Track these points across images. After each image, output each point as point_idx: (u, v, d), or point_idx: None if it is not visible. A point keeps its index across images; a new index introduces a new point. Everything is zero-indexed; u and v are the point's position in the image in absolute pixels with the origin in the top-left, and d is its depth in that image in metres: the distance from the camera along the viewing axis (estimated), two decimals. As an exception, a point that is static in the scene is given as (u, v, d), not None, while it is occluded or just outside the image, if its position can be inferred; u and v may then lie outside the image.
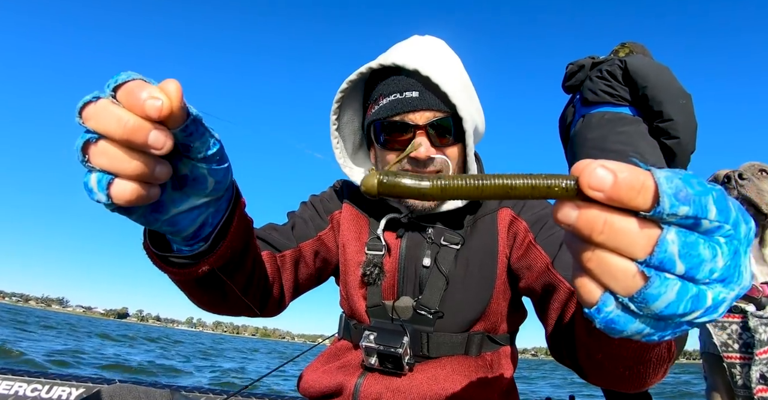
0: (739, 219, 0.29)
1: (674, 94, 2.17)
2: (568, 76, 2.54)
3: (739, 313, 1.13)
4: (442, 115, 0.81)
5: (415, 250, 0.89)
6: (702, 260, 0.28)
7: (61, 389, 2.27)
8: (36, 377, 2.32)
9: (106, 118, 0.36)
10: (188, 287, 0.67)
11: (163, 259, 0.57)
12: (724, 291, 0.29)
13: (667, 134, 2.18)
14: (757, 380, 1.07)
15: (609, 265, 0.28)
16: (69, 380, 2.34)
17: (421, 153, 0.79)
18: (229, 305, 0.75)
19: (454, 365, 0.84)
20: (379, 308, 0.88)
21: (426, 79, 0.80)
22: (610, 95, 2.29)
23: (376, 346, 0.82)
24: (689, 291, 0.28)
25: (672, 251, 0.27)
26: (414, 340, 0.84)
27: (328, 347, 1.01)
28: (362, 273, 0.89)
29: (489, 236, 0.89)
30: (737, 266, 0.29)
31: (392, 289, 0.89)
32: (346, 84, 0.86)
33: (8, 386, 2.24)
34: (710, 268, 0.28)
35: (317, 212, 0.99)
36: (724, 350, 1.13)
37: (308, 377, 0.93)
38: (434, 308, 0.84)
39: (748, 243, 0.30)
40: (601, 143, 2.23)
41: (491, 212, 0.92)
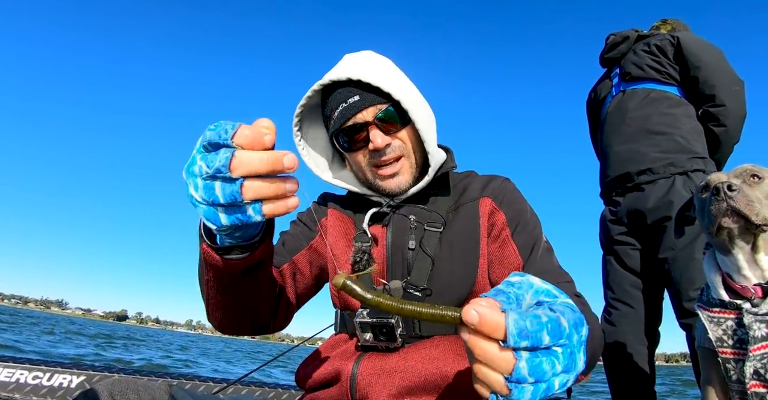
0: (572, 332, 0.45)
1: (728, 79, 2.02)
2: (609, 47, 2.34)
3: (734, 309, 1.13)
4: (383, 106, 0.92)
5: (401, 236, 0.95)
6: (545, 371, 0.43)
7: (62, 377, 2.30)
8: (37, 364, 2.34)
9: (250, 163, 0.49)
10: (231, 283, 0.74)
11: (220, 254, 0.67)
12: (567, 376, 0.45)
13: (716, 121, 2.03)
14: (751, 375, 1.08)
15: (487, 376, 0.43)
16: (70, 368, 2.36)
17: (378, 143, 0.91)
18: (252, 310, 0.84)
19: (447, 345, 0.86)
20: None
21: (358, 82, 0.92)
22: (657, 72, 2.12)
23: (370, 320, 0.85)
24: (540, 388, 0.43)
25: (524, 373, 0.42)
26: (406, 319, 0.86)
27: (325, 341, 1.02)
28: (352, 261, 0.93)
29: (471, 221, 0.94)
30: (574, 361, 0.45)
31: (382, 275, 0.93)
32: (304, 101, 0.98)
33: (9, 374, 2.27)
34: (553, 372, 0.43)
35: (306, 225, 1.07)
36: (719, 345, 1.14)
37: (305, 369, 0.95)
38: (422, 286, 0.89)
39: (580, 344, 0.47)
40: (642, 122, 2.08)
41: (473, 200, 0.98)
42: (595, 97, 2.45)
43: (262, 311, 0.88)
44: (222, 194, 0.50)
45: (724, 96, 2.00)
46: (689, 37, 2.11)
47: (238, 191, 0.50)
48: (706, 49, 2.06)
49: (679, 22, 2.38)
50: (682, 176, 1.94)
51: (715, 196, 1.10)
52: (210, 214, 0.53)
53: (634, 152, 2.06)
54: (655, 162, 1.99)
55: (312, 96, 0.97)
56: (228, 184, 0.50)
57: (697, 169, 1.95)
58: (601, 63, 2.44)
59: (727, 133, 2.04)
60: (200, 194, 0.52)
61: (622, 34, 2.31)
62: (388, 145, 0.93)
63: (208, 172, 0.50)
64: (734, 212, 1.08)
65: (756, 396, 1.09)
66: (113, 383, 0.76)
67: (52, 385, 2.27)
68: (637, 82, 2.18)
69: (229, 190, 0.50)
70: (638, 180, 2.02)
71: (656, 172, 1.98)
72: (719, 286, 1.16)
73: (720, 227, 1.11)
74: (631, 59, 2.23)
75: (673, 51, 2.10)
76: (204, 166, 0.51)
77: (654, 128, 2.05)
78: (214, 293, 0.78)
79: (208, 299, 0.81)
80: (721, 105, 2.01)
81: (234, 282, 0.74)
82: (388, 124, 0.93)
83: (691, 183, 1.91)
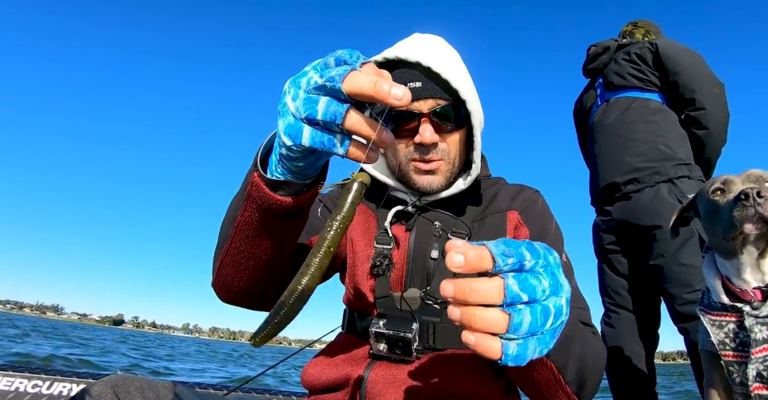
0: (546, 253, 0.45)
1: (707, 82, 2.04)
2: (591, 58, 2.38)
3: (735, 312, 1.13)
4: (444, 102, 0.87)
5: (424, 243, 0.91)
6: (534, 287, 0.42)
7: (62, 386, 2.28)
8: (36, 373, 2.32)
9: (363, 80, 0.47)
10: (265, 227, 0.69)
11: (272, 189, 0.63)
12: (558, 299, 0.45)
13: (698, 124, 2.05)
14: (754, 378, 1.08)
15: (486, 317, 0.40)
16: (70, 376, 2.35)
17: (426, 138, 0.85)
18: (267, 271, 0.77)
19: (460, 360, 0.84)
20: (387, 299, 0.89)
21: (427, 69, 0.85)
22: (639, 80, 2.16)
23: (386, 331, 0.83)
24: (537, 309, 0.42)
25: (515, 289, 0.40)
26: (421, 330, 0.84)
27: (332, 341, 1.00)
28: (372, 264, 0.90)
29: (496, 234, 0.91)
30: (558, 282, 0.45)
31: (400, 281, 0.90)
32: None
33: (9, 383, 2.25)
34: (542, 289, 0.42)
35: (327, 208, 1.01)
36: (721, 348, 1.14)
37: (312, 369, 0.93)
38: (441, 299, 0.85)
39: (557, 266, 0.46)
40: (626, 132, 2.11)
41: (500, 211, 0.94)
42: (581, 108, 2.49)
43: (277, 277, 0.80)
44: (324, 110, 0.49)
45: (704, 99, 2.03)
46: (667, 43, 2.14)
47: (341, 113, 0.48)
48: (684, 54, 2.09)
49: (651, 24, 2.40)
50: (667, 184, 1.97)
51: (742, 201, 1.08)
52: (293, 129, 0.51)
53: (619, 162, 2.09)
54: (640, 171, 2.02)
55: None
56: (335, 102, 0.49)
57: (682, 176, 1.97)
58: (584, 74, 2.48)
59: (710, 135, 2.06)
60: (297, 105, 0.50)
61: (602, 44, 2.36)
62: (435, 145, 0.88)
63: (318, 83, 0.49)
64: (761, 219, 1.06)
65: (759, 398, 1.08)
66: (116, 379, 0.74)
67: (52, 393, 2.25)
68: (619, 91, 2.22)
69: (333, 109, 0.48)
70: (625, 189, 2.05)
71: (642, 181, 2.01)
72: (719, 289, 1.16)
73: (741, 232, 1.09)
74: (613, 69, 2.27)
75: (653, 58, 2.14)
76: (316, 77, 0.50)
77: (638, 137, 2.07)
78: (240, 239, 0.72)
79: (229, 248, 0.74)
80: (701, 108, 2.04)
81: (268, 225, 0.69)
82: (442, 122, 0.87)
83: (677, 190, 1.94)
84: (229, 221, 0.74)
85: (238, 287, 0.79)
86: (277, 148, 0.58)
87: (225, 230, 0.75)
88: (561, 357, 0.64)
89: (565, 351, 0.64)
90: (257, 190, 0.63)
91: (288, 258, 0.79)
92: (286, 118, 0.52)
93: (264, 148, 0.64)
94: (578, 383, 0.70)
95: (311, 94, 0.50)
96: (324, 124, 0.50)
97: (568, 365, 0.66)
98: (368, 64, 0.49)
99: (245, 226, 0.70)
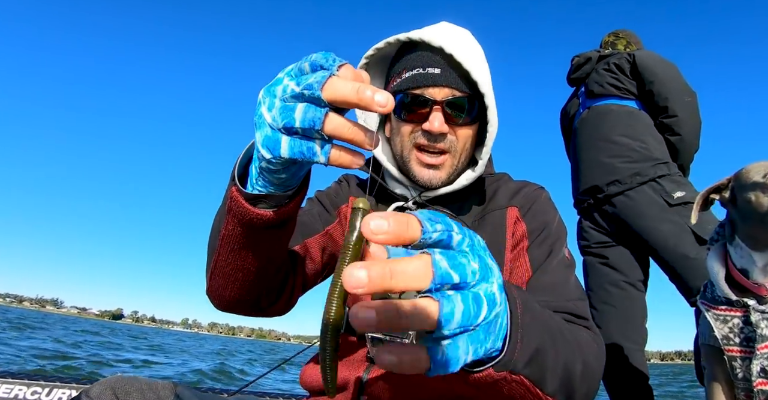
0: (471, 233, 0.40)
1: (680, 91, 2.17)
2: (574, 69, 2.52)
3: (741, 307, 1.12)
4: (460, 94, 0.84)
5: None
6: (464, 266, 0.36)
7: (61, 392, 2.27)
8: (36, 380, 2.31)
9: (344, 87, 0.44)
10: (250, 240, 0.67)
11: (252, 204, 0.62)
12: (489, 285, 0.39)
13: (671, 131, 2.17)
14: (757, 373, 1.07)
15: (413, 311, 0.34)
16: (69, 382, 2.33)
17: (434, 127, 0.83)
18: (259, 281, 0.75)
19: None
20: (385, 298, 0.86)
21: (449, 57, 0.83)
22: (617, 88, 2.28)
23: (383, 336, 0.81)
24: (468, 296, 0.36)
25: (444, 266, 0.34)
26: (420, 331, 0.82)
27: None
28: None
29: (496, 232, 0.89)
30: (486, 265, 0.39)
31: None
32: (372, 51, 0.89)
33: (8, 390, 2.24)
34: (472, 270, 0.36)
35: (324, 207, 0.98)
36: (725, 343, 1.13)
37: (311, 371, 0.92)
38: None
39: (483, 248, 0.41)
40: (607, 135, 2.21)
41: (500, 208, 0.91)
42: (566, 115, 2.62)
43: (269, 286, 0.79)
44: (302, 117, 0.45)
45: (676, 107, 2.15)
46: (644, 54, 2.26)
47: (320, 119, 0.45)
48: (659, 64, 2.21)
49: (632, 35, 2.53)
50: (650, 183, 2.06)
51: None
52: (271, 141, 0.48)
53: (601, 164, 2.20)
54: (621, 173, 2.12)
55: (389, 46, 0.88)
56: (313, 107, 0.45)
57: (663, 175, 2.07)
58: (569, 83, 2.61)
59: (682, 141, 2.18)
60: (273, 114, 0.47)
61: (585, 55, 2.49)
62: (443, 135, 0.85)
63: (295, 91, 0.46)
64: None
65: (762, 394, 1.08)
66: (116, 380, 0.73)
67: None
68: (599, 98, 2.35)
69: (312, 115, 0.45)
70: (608, 191, 2.15)
71: (624, 183, 2.10)
72: (723, 283, 1.15)
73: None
74: (594, 78, 2.39)
75: (630, 68, 2.26)
76: (292, 85, 0.47)
77: (617, 140, 2.18)
78: (226, 252, 0.70)
79: (217, 260, 0.72)
80: (674, 116, 2.16)
81: (252, 238, 0.67)
82: (454, 113, 0.84)
83: (660, 188, 2.03)
84: (214, 234, 0.72)
85: (230, 297, 0.78)
86: (256, 161, 0.55)
87: (212, 242, 0.74)
88: (536, 371, 0.53)
89: (540, 363, 0.54)
90: (237, 205, 0.62)
91: (279, 266, 0.78)
92: (263, 129, 0.49)
93: (243, 158, 0.62)
94: (565, 393, 0.61)
95: (287, 102, 0.47)
96: (303, 132, 0.47)
97: (546, 377, 0.56)
98: (345, 66, 0.46)
99: (229, 239, 0.68)
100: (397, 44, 0.89)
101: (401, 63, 0.88)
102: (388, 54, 0.92)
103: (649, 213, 2.00)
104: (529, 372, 0.52)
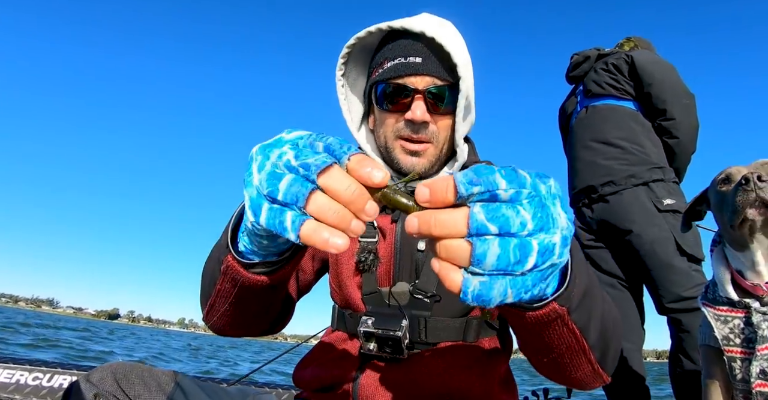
0: (536, 182, 0.39)
1: (678, 94, 2.15)
2: (573, 67, 2.49)
3: (742, 308, 1.12)
4: (442, 83, 0.84)
5: (411, 235, 0.89)
6: (507, 217, 0.37)
7: (62, 378, 2.29)
8: (37, 365, 2.33)
9: (341, 181, 0.41)
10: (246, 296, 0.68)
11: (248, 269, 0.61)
12: (548, 236, 0.39)
13: (668, 133, 2.16)
14: (757, 374, 1.07)
15: (449, 247, 0.37)
16: (70, 368, 2.35)
17: (416, 116, 0.83)
18: (259, 319, 0.80)
19: (452, 355, 0.83)
20: (376, 295, 0.87)
21: (431, 41, 0.83)
22: (615, 88, 2.26)
23: (375, 330, 0.81)
24: (510, 243, 0.37)
25: (481, 219, 0.36)
26: (411, 325, 0.82)
27: (321, 338, 0.99)
28: (357, 260, 0.88)
29: None
30: (548, 215, 0.39)
31: (388, 275, 0.88)
32: (354, 40, 0.89)
33: (9, 375, 2.26)
34: (520, 222, 0.37)
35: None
36: (725, 343, 1.13)
37: (304, 369, 0.92)
38: (431, 292, 0.84)
39: (553, 197, 0.40)
40: (603, 136, 2.20)
41: None
42: (564, 113, 2.60)
43: (268, 318, 0.83)
44: (285, 190, 0.41)
45: (674, 110, 2.13)
46: (642, 56, 2.24)
47: (305, 195, 0.41)
48: (657, 66, 2.20)
49: (642, 40, 2.51)
50: (644, 187, 2.05)
51: (743, 186, 1.08)
52: (254, 204, 0.44)
53: (596, 165, 2.19)
54: (616, 174, 2.11)
55: (370, 36, 0.88)
56: (302, 181, 0.41)
57: (657, 180, 2.06)
58: (567, 81, 2.59)
59: (680, 144, 2.17)
60: (261, 178, 0.44)
61: (584, 53, 2.47)
62: (425, 124, 0.85)
63: (290, 164, 0.42)
64: (763, 203, 1.06)
65: (761, 395, 1.08)
66: (117, 367, 0.74)
67: (53, 386, 2.26)
68: (597, 98, 2.32)
69: (296, 190, 0.41)
70: (602, 191, 2.14)
71: (618, 184, 2.10)
72: (728, 284, 1.15)
73: (744, 219, 1.09)
74: (592, 77, 2.37)
75: (628, 69, 2.24)
76: (290, 156, 0.43)
77: (614, 142, 2.17)
78: (222, 303, 0.71)
79: (213, 305, 0.73)
80: (672, 118, 2.14)
81: (249, 295, 0.67)
82: (436, 102, 0.84)
83: (652, 194, 2.03)
84: (209, 281, 0.72)
85: (230, 331, 0.81)
86: (246, 219, 0.50)
87: (207, 285, 0.74)
88: (583, 315, 0.55)
89: (587, 308, 0.56)
90: (232, 270, 0.61)
91: (277, 307, 0.82)
92: (250, 189, 0.45)
93: (237, 216, 0.61)
94: (601, 348, 0.63)
95: (278, 170, 0.43)
96: (284, 205, 0.42)
97: (591, 325, 0.58)
98: (356, 158, 0.42)
99: (225, 294, 0.68)
100: (379, 34, 0.89)
101: (382, 53, 0.88)
102: (370, 45, 0.91)
103: (637, 215, 2.00)
104: (577, 317, 0.55)
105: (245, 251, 0.57)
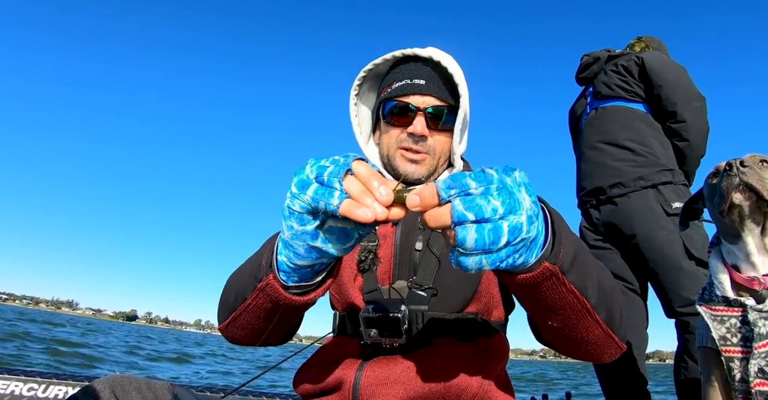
0: (502, 176, 0.50)
1: (689, 96, 2.13)
2: (583, 68, 2.48)
3: (738, 306, 1.12)
4: (442, 104, 0.96)
5: (409, 236, 0.94)
6: (480, 205, 0.47)
7: (57, 389, 2.26)
8: (32, 376, 2.31)
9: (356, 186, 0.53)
10: (277, 314, 0.75)
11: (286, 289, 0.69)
12: (516, 217, 0.49)
13: (678, 136, 2.15)
14: (755, 373, 1.07)
15: (445, 234, 0.49)
16: (65, 379, 2.33)
17: (417, 130, 0.94)
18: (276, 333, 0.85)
19: (451, 353, 0.85)
20: (376, 293, 0.91)
21: (436, 65, 0.95)
22: (624, 90, 2.25)
23: (374, 315, 0.84)
24: (484, 227, 0.47)
25: (460, 209, 0.47)
26: (410, 317, 0.86)
27: (322, 345, 1.00)
28: (357, 260, 0.93)
29: None
30: (515, 200, 0.49)
31: (388, 274, 0.92)
32: (371, 66, 1.02)
33: (4, 386, 2.23)
34: (492, 208, 0.47)
35: None
36: (722, 343, 1.13)
37: (305, 375, 0.93)
38: (427, 286, 0.88)
39: (518, 185, 0.51)
40: (613, 138, 2.20)
41: None
42: (573, 115, 2.60)
43: (284, 332, 0.88)
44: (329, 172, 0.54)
45: (685, 112, 2.12)
46: (653, 57, 2.22)
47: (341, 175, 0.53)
48: (667, 68, 2.17)
49: (653, 40, 2.50)
50: (652, 189, 2.04)
51: (728, 171, 1.10)
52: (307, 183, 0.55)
53: (605, 167, 2.18)
54: (625, 176, 2.10)
55: (385, 62, 1.01)
56: (338, 170, 0.53)
57: (666, 182, 2.05)
58: (577, 82, 2.58)
59: (690, 147, 2.16)
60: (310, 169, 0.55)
61: (593, 55, 2.46)
62: (424, 138, 0.96)
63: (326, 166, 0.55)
64: (747, 186, 1.07)
65: (760, 395, 1.07)
66: (114, 379, 0.75)
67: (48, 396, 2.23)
68: (607, 100, 2.31)
69: (335, 170, 0.54)
70: (610, 193, 2.13)
71: (627, 186, 2.09)
72: (726, 283, 1.16)
73: (731, 204, 1.10)
74: (601, 79, 2.36)
75: (638, 70, 2.22)
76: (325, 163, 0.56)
77: (623, 144, 2.16)
78: (249, 317, 0.78)
79: (237, 317, 0.80)
80: (682, 121, 2.13)
81: (280, 312, 0.74)
82: (435, 119, 0.96)
83: (661, 197, 2.02)
84: (235, 296, 0.79)
85: (248, 343, 0.88)
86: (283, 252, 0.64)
87: (232, 299, 0.81)
88: (579, 276, 0.62)
89: (581, 268, 0.63)
90: (271, 288, 0.68)
91: (295, 324, 0.88)
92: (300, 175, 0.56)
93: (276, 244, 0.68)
94: (606, 309, 0.69)
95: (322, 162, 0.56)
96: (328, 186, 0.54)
97: (588, 285, 0.64)
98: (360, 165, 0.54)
99: (255, 308, 0.75)
100: (390, 61, 1.01)
101: (391, 75, 1.00)
102: (381, 71, 1.04)
103: (646, 218, 1.99)
104: (574, 278, 0.62)
105: (282, 274, 0.67)
